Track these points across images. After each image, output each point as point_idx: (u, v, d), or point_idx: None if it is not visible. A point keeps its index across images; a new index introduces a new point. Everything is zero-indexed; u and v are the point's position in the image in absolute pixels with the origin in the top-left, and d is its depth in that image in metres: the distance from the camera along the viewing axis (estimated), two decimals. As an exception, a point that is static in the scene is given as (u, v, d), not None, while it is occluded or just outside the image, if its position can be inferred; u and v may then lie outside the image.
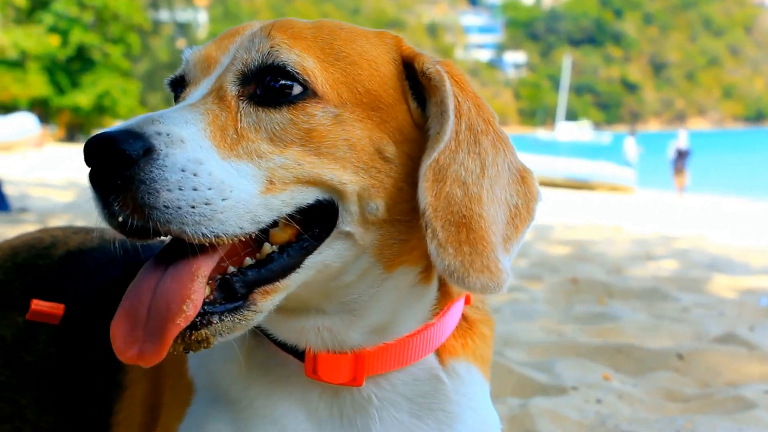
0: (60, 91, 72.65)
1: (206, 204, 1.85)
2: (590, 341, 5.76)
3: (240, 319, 1.94)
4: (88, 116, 75.69)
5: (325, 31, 2.19)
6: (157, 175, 1.82)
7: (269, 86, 2.07)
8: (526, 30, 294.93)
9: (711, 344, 5.65)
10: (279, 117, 2.04)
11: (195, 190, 1.85)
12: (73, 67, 74.45)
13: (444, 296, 2.32)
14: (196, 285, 1.90)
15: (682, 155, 38.33)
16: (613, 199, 31.66)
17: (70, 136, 74.61)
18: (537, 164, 37.72)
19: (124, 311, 1.94)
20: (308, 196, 2.02)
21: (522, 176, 2.30)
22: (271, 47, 2.08)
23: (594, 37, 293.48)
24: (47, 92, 70.88)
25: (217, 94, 2.08)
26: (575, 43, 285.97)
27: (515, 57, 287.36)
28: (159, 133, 1.87)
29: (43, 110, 70.06)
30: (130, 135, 1.84)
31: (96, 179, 1.86)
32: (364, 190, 2.07)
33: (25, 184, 20.46)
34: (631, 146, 42.52)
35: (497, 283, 2.06)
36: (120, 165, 1.81)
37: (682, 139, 39.10)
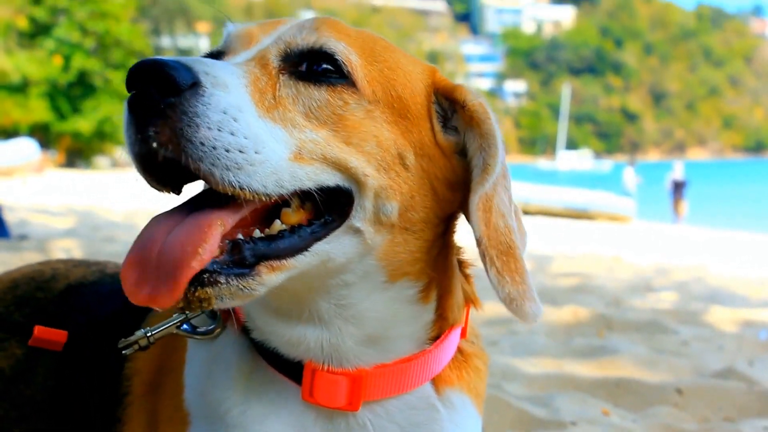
0: (61, 116, 72.81)
1: (240, 151, 1.85)
2: (589, 375, 5.74)
3: (244, 287, 1.92)
4: (88, 142, 75.86)
5: (367, 36, 2.26)
6: (200, 110, 1.82)
7: (313, 67, 2.11)
8: (527, 59, 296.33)
9: (710, 379, 5.63)
10: (317, 94, 2.07)
11: (232, 134, 1.85)
12: (74, 92, 74.63)
13: (439, 320, 2.33)
14: (214, 232, 1.90)
15: (678, 186, 38.57)
16: (613, 229, 31.64)
17: (71, 162, 74.72)
18: (536, 193, 37.78)
19: (135, 251, 1.93)
20: (330, 177, 2.04)
21: (516, 210, 2.38)
22: (319, 36, 2.13)
23: (594, 67, 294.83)
24: (48, 117, 71.06)
25: (260, 61, 2.11)
26: (575, 72, 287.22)
27: (515, 86, 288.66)
28: (207, 73, 1.88)
29: (43, 135, 70.14)
30: (182, 65, 1.84)
31: (137, 102, 1.84)
32: (382, 189, 2.10)
33: (25, 210, 20.44)
34: (630, 176, 42.63)
35: (539, 312, 2.19)
36: (166, 90, 1.81)
37: (677, 171, 39.37)
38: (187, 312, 1.94)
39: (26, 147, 47.14)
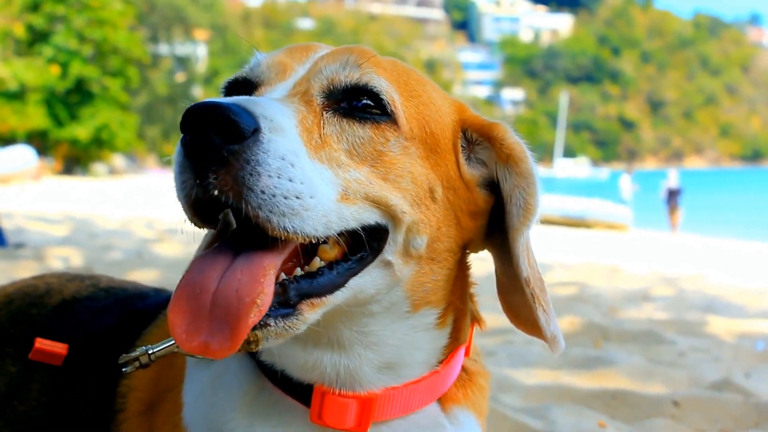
0: (58, 123, 72.93)
1: (297, 198, 1.83)
2: (586, 386, 5.73)
3: (289, 327, 1.91)
4: (86, 149, 76.02)
5: (402, 69, 2.26)
6: (261, 158, 1.79)
7: (356, 104, 2.10)
8: (524, 67, 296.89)
9: (707, 391, 5.61)
10: (361, 132, 2.07)
11: (290, 181, 1.83)
12: (71, 99, 74.78)
13: (452, 343, 2.34)
14: (269, 281, 1.87)
15: (673, 194, 38.62)
16: (610, 238, 31.62)
17: (68, 169, 74.78)
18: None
19: (184, 295, 1.89)
20: (371, 216, 2.04)
21: None
22: (362, 72, 2.12)
23: (592, 75, 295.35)
24: (46, 124, 71.19)
25: (303, 97, 2.08)
26: (573, 80, 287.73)
27: (513, 94, 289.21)
28: (264, 117, 1.84)
29: (41, 142, 70.29)
30: (243, 109, 1.79)
31: (196, 147, 1.80)
32: (414, 224, 2.11)
33: (22, 217, 20.42)
34: (626, 184, 42.66)
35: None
36: (229, 137, 1.77)
37: (672, 179, 39.39)
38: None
39: (24, 154, 47.15)
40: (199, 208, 1.88)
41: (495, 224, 2.36)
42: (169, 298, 2.65)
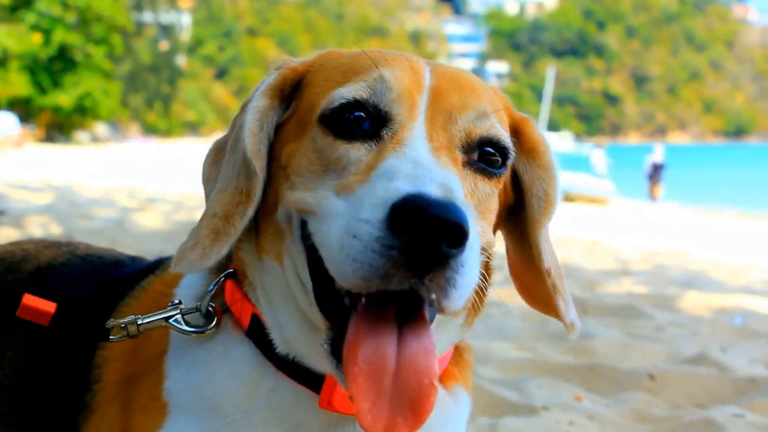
0: (41, 90, 72.57)
1: (473, 283, 1.82)
2: (563, 359, 5.76)
3: None
4: (68, 116, 75.75)
5: (499, 97, 2.31)
6: (467, 258, 1.76)
7: (487, 159, 2.11)
8: (509, 40, 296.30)
9: (683, 365, 5.65)
10: (488, 188, 2.10)
11: (473, 269, 1.81)
12: (54, 67, 74.39)
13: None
14: (435, 360, 1.90)
15: (657, 168, 38.84)
16: (592, 212, 31.68)
17: (50, 137, 74.46)
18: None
19: (363, 374, 1.85)
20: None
21: None
22: (491, 123, 2.11)
23: (576, 49, 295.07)
24: (28, 92, 70.76)
25: (449, 154, 2.03)
26: (558, 54, 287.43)
27: (498, 67, 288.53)
28: (467, 208, 1.80)
29: (23, 110, 69.90)
30: (465, 216, 1.73)
31: (423, 251, 1.71)
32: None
33: (3, 184, 20.30)
34: (599, 158, 42.84)
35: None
36: (456, 244, 1.72)
37: (657, 153, 39.58)
38: None
39: (6, 121, 46.84)
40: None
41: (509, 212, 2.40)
42: (145, 268, 2.66)
